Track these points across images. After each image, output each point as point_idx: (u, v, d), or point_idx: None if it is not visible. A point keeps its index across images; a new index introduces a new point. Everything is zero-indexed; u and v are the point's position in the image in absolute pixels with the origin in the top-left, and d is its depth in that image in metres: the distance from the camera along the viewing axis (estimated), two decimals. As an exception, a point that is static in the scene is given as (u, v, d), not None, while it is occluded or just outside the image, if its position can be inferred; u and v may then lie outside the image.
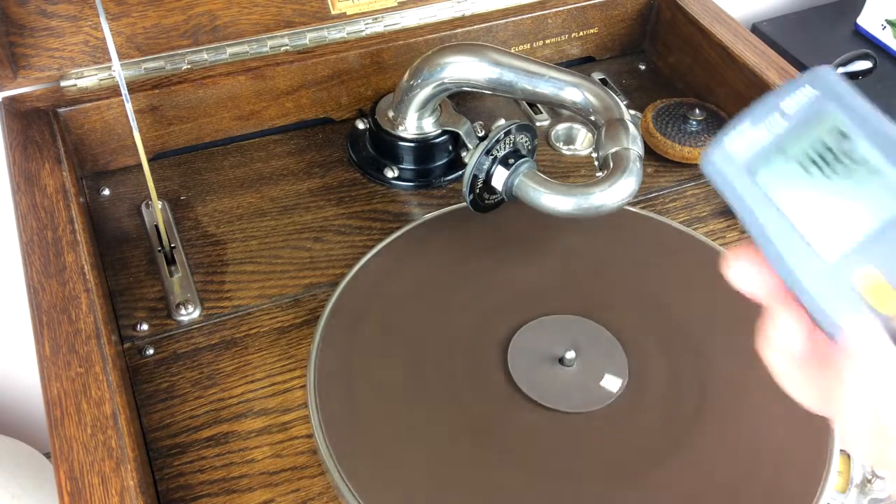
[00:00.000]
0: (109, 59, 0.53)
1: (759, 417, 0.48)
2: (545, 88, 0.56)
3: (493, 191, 0.52)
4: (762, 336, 0.32)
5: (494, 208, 0.54)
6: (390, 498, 0.44)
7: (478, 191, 0.52)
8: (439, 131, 0.63)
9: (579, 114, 0.56)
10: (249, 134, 0.68)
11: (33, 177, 0.55)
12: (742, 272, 0.32)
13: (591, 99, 0.55)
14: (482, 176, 0.51)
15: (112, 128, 0.62)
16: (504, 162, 0.51)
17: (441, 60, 0.57)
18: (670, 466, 0.46)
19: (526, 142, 0.52)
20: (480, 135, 0.64)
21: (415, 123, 0.62)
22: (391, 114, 0.63)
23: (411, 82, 0.60)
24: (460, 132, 0.62)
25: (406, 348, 0.51)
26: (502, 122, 0.52)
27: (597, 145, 0.54)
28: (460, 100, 0.72)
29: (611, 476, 0.46)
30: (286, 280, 0.57)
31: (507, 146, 0.51)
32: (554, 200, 0.47)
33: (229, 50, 0.64)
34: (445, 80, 0.58)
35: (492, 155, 0.50)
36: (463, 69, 0.57)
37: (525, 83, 0.56)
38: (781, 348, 0.32)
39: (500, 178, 0.51)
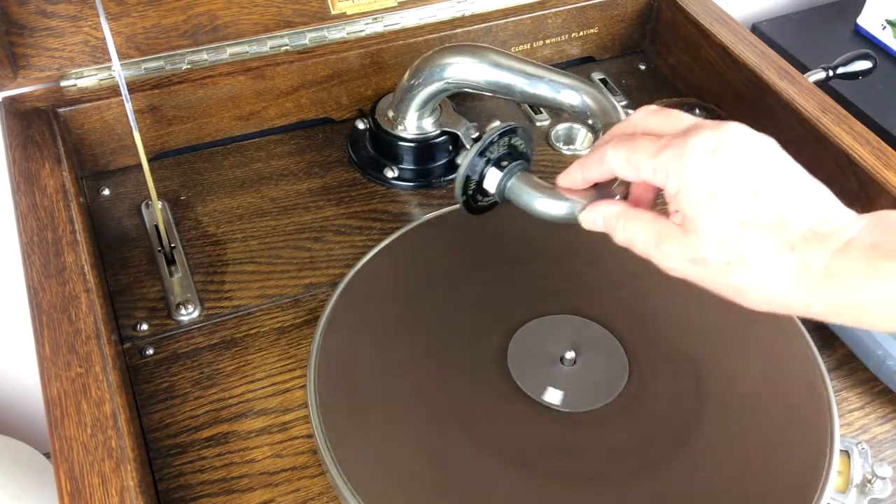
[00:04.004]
0: (109, 59, 0.53)
1: (759, 417, 0.48)
2: (543, 91, 0.56)
3: (486, 193, 0.52)
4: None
5: (489, 210, 0.54)
6: (390, 498, 0.44)
7: (471, 192, 0.52)
8: (439, 131, 0.63)
9: (577, 117, 0.56)
10: (249, 134, 0.68)
11: (33, 177, 0.55)
12: (570, 178, 0.44)
13: (589, 102, 0.55)
14: (475, 177, 0.51)
15: (112, 128, 0.62)
16: (497, 164, 0.50)
17: (441, 61, 0.57)
18: (670, 466, 0.46)
19: (521, 144, 0.52)
20: (474, 136, 0.64)
21: (415, 123, 0.62)
22: (391, 114, 0.63)
23: (411, 82, 0.60)
24: (459, 133, 0.62)
25: (406, 348, 0.51)
26: (497, 123, 0.52)
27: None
28: (460, 100, 0.72)
29: (611, 476, 0.46)
30: (286, 280, 0.57)
31: (502, 148, 0.51)
32: (547, 205, 0.47)
33: (229, 50, 0.64)
34: (445, 81, 0.58)
35: (485, 156, 0.50)
36: (462, 70, 0.57)
37: (524, 85, 0.56)
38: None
39: (492, 180, 0.50)
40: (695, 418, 0.48)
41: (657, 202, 0.44)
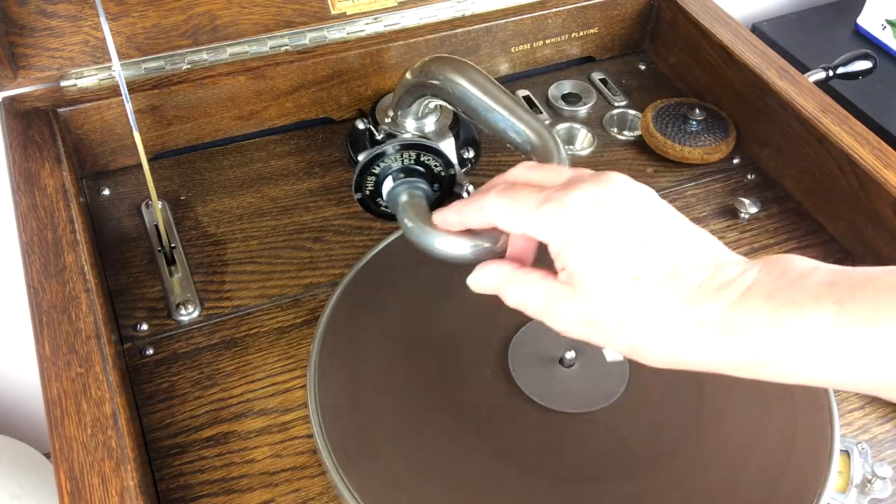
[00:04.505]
0: (109, 59, 0.53)
1: (759, 417, 0.48)
2: (497, 121, 0.51)
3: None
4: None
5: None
6: (390, 498, 0.44)
7: (367, 192, 0.49)
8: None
9: (520, 152, 0.51)
10: (249, 134, 0.68)
11: (33, 177, 0.55)
12: (445, 219, 0.42)
13: (535, 141, 0.50)
14: (371, 179, 0.49)
15: (112, 128, 0.62)
16: (395, 174, 0.48)
17: (428, 69, 0.55)
18: (670, 466, 0.46)
19: (437, 167, 0.48)
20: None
21: (414, 124, 0.62)
22: (391, 114, 0.63)
23: (408, 84, 0.59)
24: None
25: (406, 349, 0.51)
26: (409, 135, 0.50)
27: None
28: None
29: (611, 476, 0.46)
30: (286, 280, 0.57)
31: (408, 161, 0.48)
32: (417, 235, 0.43)
33: (229, 50, 0.64)
34: (428, 90, 0.55)
35: (384, 162, 0.48)
36: (442, 84, 0.53)
37: (485, 112, 0.51)
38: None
39: (385, 188, 0.49)
40: (694, 418, 0.48)
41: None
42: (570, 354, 0.50)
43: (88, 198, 0.62)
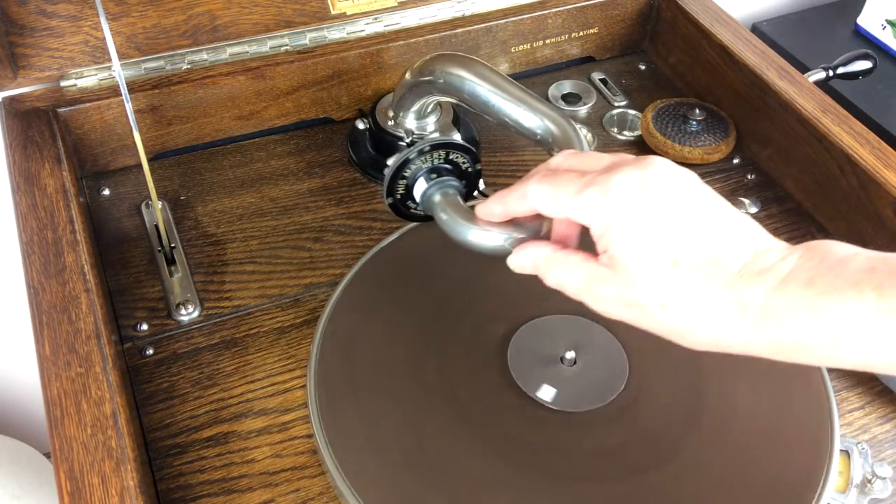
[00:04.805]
0: (109, 59, 0.53)
1: (759, 417, 0.48)
2: (518, 115, 0.52)
3: (416, 200, 0.50)
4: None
5: (429, 220, 0.50)
6: (390, 498, 0.44)
7: (398, 196, 0.50)
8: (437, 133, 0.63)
9: (542, 146, 0.52)
10: (249, 134, 0.68)
11: (33, 177, 0.55)
12: (489, 210, 0.42)
13: (555, 132, 0.51)
14: (402, 182, 0.49)
15: (112, 128, 0.62)
16: (427, 174, 0.48)
17: (430, 68, 0.56)
18: (670, 466, 0.46)
19: (465, 163, 0.49)
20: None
21: (414, 123, 0.62)
22: (391, 114, 0.63)
23: (410, 83, 0.59)
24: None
25: (406, 348, 0.51)
26: (436, 135, 0.50)
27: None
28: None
29: (611, 475, 0.46)
30: (286, 280, 0.57)
31: (437, 160, 0.49)
32: (454, 230, 0.44)
33: (229, 50, 0.64)
34: (433, 88, 0.56)
35: (415, 164, 0.48)
36: (449, 80, 0.54)
37: (501, 105, 0.52)
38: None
39: (419, 189, 0.49)
40: (694, 418, 0.48)
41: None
42: (569, 354, 0.50)
43: (88, 198, 0.62)
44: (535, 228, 0.42)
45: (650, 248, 0.35)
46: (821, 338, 0.32)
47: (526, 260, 0.41)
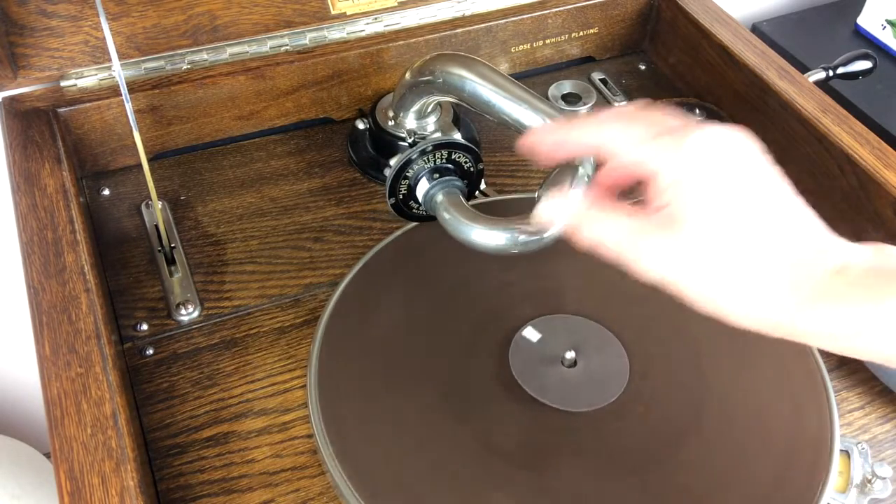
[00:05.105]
0: (109, 59, 0.53)
1: (759, 417, 0.48)
2: (521, 115, 0.51)
3: (418, 201, 0.50)
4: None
5: (431, 220, 0.50)
6: (390, 498, 0.44)
7: (401, 196, 0.50)
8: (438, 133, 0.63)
9: None
10: (249, 134, 0.68)
11: (33, 177, 0.55)
12: (541, 137, 0.39)
13: None
14: (405, 183, 0.49)
15: (112, 128, 0.62)
16: (430, 174, 0.49)
17: (431, 67, 0.56)
18: (670, 466, 0.46)
19: (467, 163, 0.50)
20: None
21: (415, 123, 0.62)
22: (391, 114, 0.63)
23: (410, 83, 0.59)
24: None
25: (406, 348, 0.51)
26: (437, 135, 0.50)
27: (543, 183, 0.50)
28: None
29: (610, 475, 0.46)
30: (286, 280, 0.57)
31: (440, 159, 0.49)
32: (457, 229, 0.45)
33: (229, 50, 0.64)
34: (433, 87, 0.56)
35: (417, 164, 0.48)
36: (449, 79, 0.54)
37: (503, 105, 0.51)
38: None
39: (421, 189, 0.49)
40: (694, 418, 0.48)
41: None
42: (570, 354, 0.50)
43: (88, 198, 0.62)
44: (535, 230, 0.42)
45: (718, 211, 0.33)
46: (874, 326, 0.31)
47: (561, 210, 0.38)
